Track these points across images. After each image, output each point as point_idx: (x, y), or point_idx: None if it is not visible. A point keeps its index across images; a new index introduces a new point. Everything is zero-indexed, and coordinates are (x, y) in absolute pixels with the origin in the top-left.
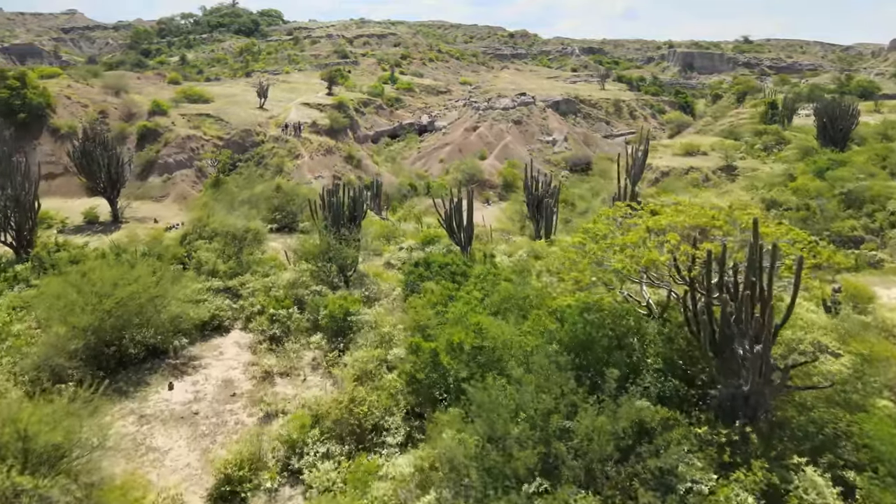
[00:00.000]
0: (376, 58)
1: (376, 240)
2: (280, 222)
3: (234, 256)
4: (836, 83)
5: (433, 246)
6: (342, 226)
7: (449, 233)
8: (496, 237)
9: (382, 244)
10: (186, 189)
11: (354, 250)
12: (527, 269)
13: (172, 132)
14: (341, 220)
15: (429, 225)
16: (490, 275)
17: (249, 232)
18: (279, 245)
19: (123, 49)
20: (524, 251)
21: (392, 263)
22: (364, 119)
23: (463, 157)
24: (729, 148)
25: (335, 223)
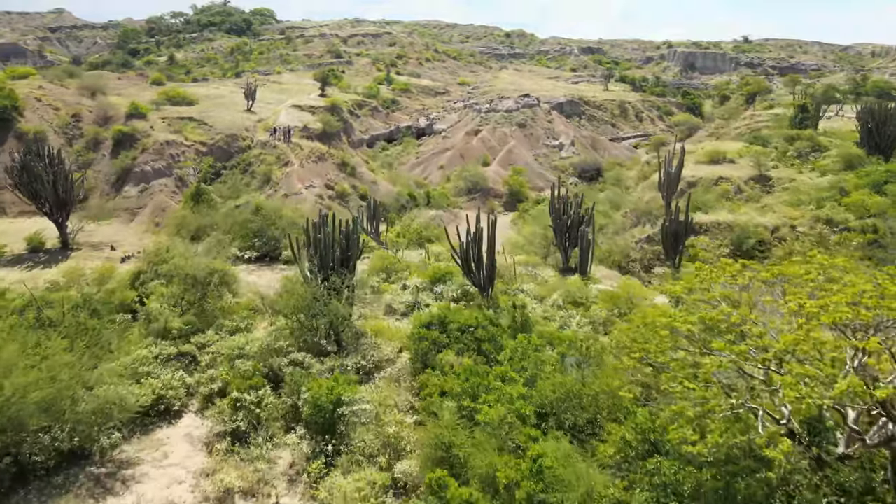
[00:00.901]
0: (371, 58)
1: (374, 275)
2: (260, 250)
3: (196, 304)
4: (850, 84)
5: (444, 285)
6: (332, 270)
7: (465, 271)
8: (519, 270)
9: (381, 281)
10: (165, 200)
11: (347, 304)
12: (584, 345)
13: (151, 137)
14: (331, 263)
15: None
16: (531, 348)
17: (215, 274)
18: (257, 280)
19: (111, 49)
20: (559, 295)
21: (394, 308)
22: (359, 122)
23: (464, 163)
24: (758, 155)
25: (323, 267)
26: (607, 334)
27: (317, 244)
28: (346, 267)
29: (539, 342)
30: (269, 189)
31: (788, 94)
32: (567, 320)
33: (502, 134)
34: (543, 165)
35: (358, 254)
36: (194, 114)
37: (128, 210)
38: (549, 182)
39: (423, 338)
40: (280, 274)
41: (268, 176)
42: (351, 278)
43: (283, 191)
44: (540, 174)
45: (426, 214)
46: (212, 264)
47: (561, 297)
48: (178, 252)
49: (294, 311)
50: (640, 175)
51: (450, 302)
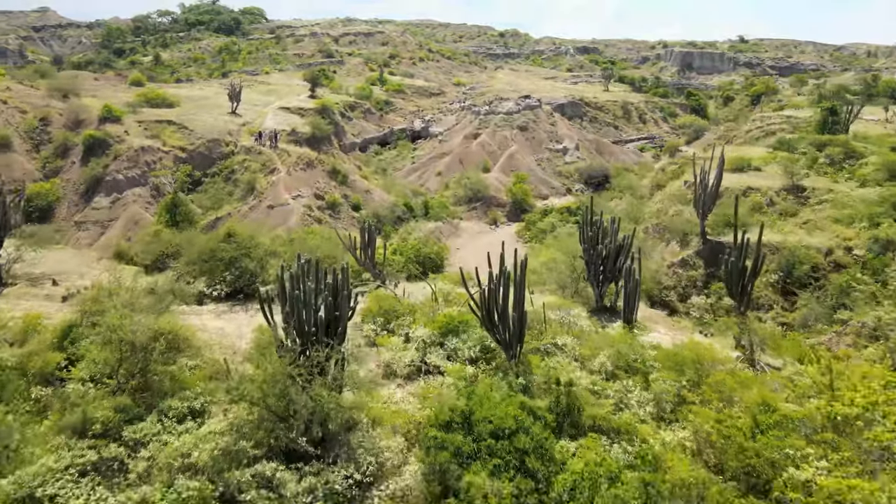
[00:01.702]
0: (363, 57)
1: (370, 320)
2: (232, 285)
3: (138, 374)
4: (861, 84)
5: (458, 339)
6: (314, 338)
7: (487, 326)
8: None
9: (379, 329)
10: (138, 212)
11: (335, 392)
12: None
13: (124, 143)
14: (312, 328)
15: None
16: (603, 478)
17: (161, 338)
18: (224, 327)
19: (96, 48)
20: (606, 356)
21: (395, 370)
22: (350, 125)
23: (463, 168)
24: (788, 162)
25: (302, 335)
26: (678, 419)
27: (293, 303)
28: (333, 333)
29: (613, 465)
30: (253, 199)
31: (796, 95)
32: (623, 396)
33: (503, 137)
34: (547, 171)
35: (350, 313)
36: (174, 117)
37: (97, 223)
38: (554, 189)
39: (441, 445)
40: (255, 318)
41: (252, 185)
42: (340, 351)
43: (269, 201)
44: (544, 181)
45: (424, 227)
46: (158, 322)
47: (609, 358)
48: (118, 302)
49: (262, 396)
50: (654, 183)
51: (465, 363)
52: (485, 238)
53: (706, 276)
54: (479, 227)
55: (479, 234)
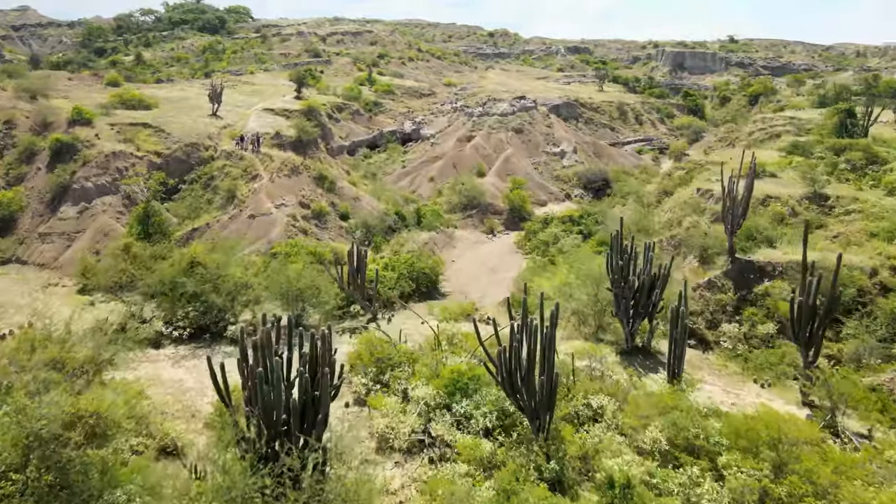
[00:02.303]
0: (351, 57)
1: (361, 373)
2: (196, 322)
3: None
4: (861, 84)
5: (468, 399)
6: (284, 438)
7: (507, 392)
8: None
9: (370, 386)
10: (108, 223)
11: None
12: None
13: (94, 148)
14: (283, 419)
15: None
16: None
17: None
18: (184, 378)
19: (76, 48)
20: (657, 429)
21: (391, 444)
22: (338, 127)
23: (457, 173)
24: (806, 168)
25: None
26: None
27: (257, 386)
28: (310, 421)
29: None
30: (233, 208)
31: (795, 95)
32: (690, 493)
33: (498, 140)
34: (544, 175)
35: (333, 393)
36: (150, 119)
37: (63, 235)
38: (552, 194)
39: None
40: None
41: (232, 192)
42: (319, 449)
43: (250, 210)
44: (541, 185)
45: (417, 238)
46: (79, 402)
47: (663, 432)
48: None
49: None
50: (661, 189)
51: (479, 435)
52: (482, 248)
53: (737, 300)
54: (476, 236)
55: (475, 245)
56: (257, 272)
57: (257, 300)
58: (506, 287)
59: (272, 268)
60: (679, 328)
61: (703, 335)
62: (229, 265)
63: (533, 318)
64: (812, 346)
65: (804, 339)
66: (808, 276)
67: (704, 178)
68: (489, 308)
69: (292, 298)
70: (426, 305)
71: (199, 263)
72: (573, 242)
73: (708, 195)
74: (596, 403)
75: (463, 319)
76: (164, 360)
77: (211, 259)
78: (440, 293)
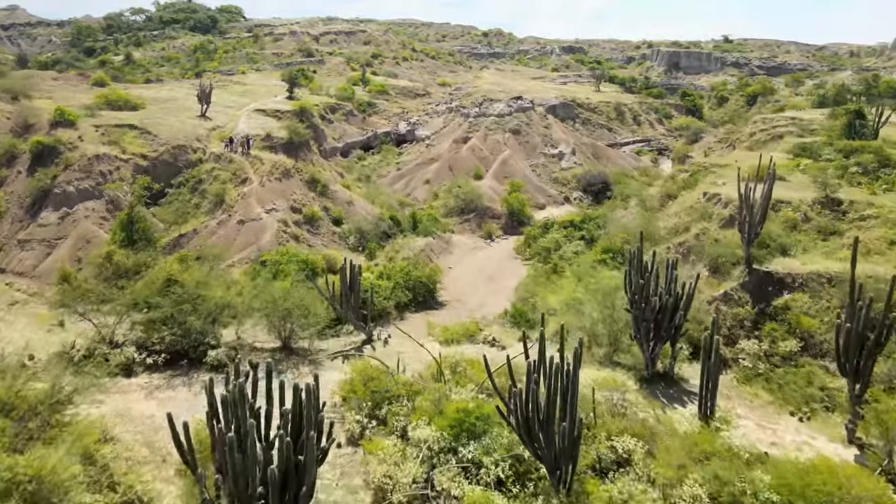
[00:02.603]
0: (345, 56)
1: (354, 408)
2: (172, 346)
3: None
4: (862, 84)
5: (476, 442)
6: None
7: (523, 439)
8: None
9: (366, 425)
10: (91, 229)
11: None
12: None
13: (77, 150)
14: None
15: (423, 279)
16: None
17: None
18: (155, 413)
19: (65, 47)
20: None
21: (388, 496)
22: (331, 128)
23: (453, 176)
24: (817, 171)
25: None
26: None
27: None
28: (293, 495)
29: None
30: (222, 213)
31: (793, 96)
32: None
33: (494, 142)
34: (543, 178)
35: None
36: (136, 120)
37: (44, 242)
38: (551, 197)
39: None
40: (200, 397)
41: (221, 197)
42: None
43: (239, 215)
44: (540, 188)
45: (413, 244)
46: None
47: (702, 487)
48: None
49: None
50: (664, 192)
51: (491, 487)
52: (480, 254)
53: (756, 314)
54: (473, 241)
55: (473, 250)
56: (241, 290)
57: (241, 320)
58: (506, 296)
59: (257, 285)
60: (713, 360)
61: (720, 352)
62: (210, 283)
63: (552, 353)
64: (860, 379)
65: (851, 369)
66: (857, 301)
67: (710, 181)
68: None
69: (279, 318)
70: (426, 323)
71: (175, 281)
72: (576, 249)
73: (715, 199)
74: (621, 447)
75: (466, 341)
76: (135, 390)
77: (189, 276)
78: (438, 303)
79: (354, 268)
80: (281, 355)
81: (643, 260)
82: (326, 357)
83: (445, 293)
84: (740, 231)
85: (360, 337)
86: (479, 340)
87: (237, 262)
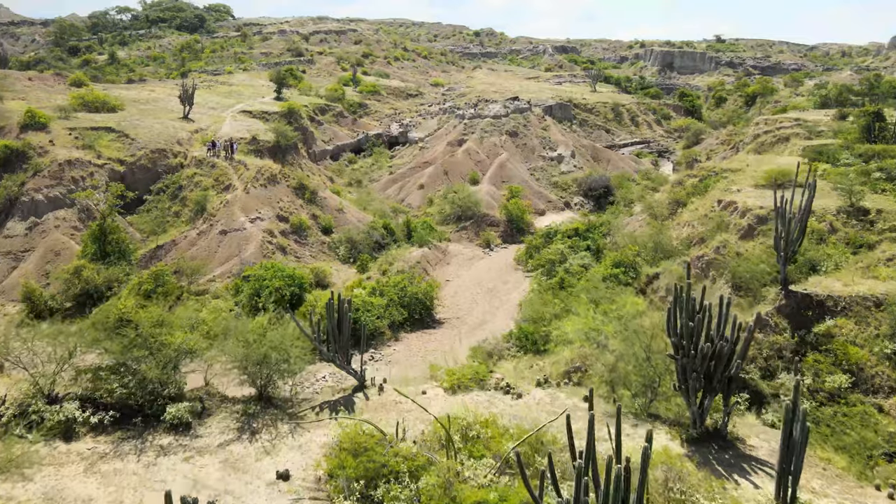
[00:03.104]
0: (335, 56)
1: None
2: (122, 400)
3: None
4: (864, 84)
5: None
6: None
7: None
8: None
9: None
10: (61, 240)
11: None
12: None
13: (48, 155)
14: None
15: (419, 296)
16: None
17: None
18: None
19: (49, 46)
20: None
21: None
22: (321, 130)
23: (449, 180)
24: (839, 177)
25: None
26: None
27: None
28: None
29: None
30: (203, 223)
31: (793, 96)
32: None
33: (491, 144)
34: (542, 182)
35: None
36: (114, 123)
37: (10, 255)
38: (551, 203)
39: None
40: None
41: (202, 205)
42: None
43: (222, 225)
44: (539, 193)
45: (408, 255)
46: None
47: None
48: None
49: None
50: (672, 198)
51: None
52: (478, 265)
53: (796, 342)
54: (471, 250)
55: (471, 261)
56: (209, 330)
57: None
58: (509, 312)
59: (227, 325)
60: (799, 432)
61: (757, 387)
62: (171, 322)
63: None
64: None
65: None
66: None
67: (723, 187)
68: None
69: (254, 364)
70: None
71: (129, 321)
72: (582, 261)
73: (732, 208)
74: None
75: (475, 387)
76: (74, 461)
77: (146, 315)
78: (435, 320)
79: (343, 302)
80: (256, 408)
81: (692, 297)
82: (310, 410)
83: (443, 309)
84: (776, 248)
85: (351, 381)
86: (491, 386)
87: (218, 276)
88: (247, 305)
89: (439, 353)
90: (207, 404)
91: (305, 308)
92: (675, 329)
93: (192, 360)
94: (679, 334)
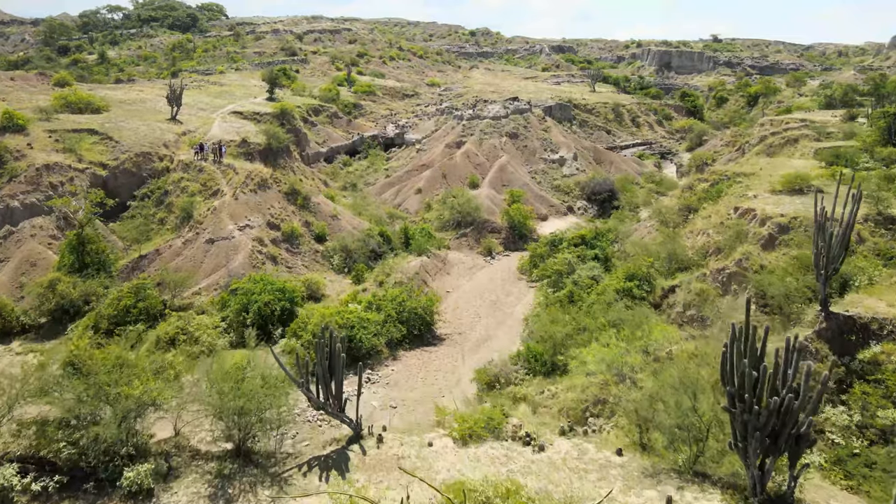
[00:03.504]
0: (329, 55)
1: None
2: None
3: None
4: (868, 84)
5: None
6: None
7: None
8: None
9: None
10: (37, 250)
11: None
12: None
13: (25, 159)
14: None
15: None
16: None
17: None
18: None
19: (38, 46)
20: None
21: None
22: (314, 131)
23: (448, 184)
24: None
25: None
26: None
27: None
28: None
29: None
30: (189, 231)
31: (796, 96)
32: None
33: (491, 146)
34: (543, 185)
35: None
36: (97, 125)
37: None
38: (553, 207)
39: None
40: None
41: (188, 211)
42: None
43: (209, 233)
44: (541, 197)
45: (406, 265)
46: None
47: None
48: None
49: None
50: (682, 204)
51: None
52: (480, 275)
53: (843, 372)
54: (472, 258)
55: (472, 270)
56: (177, 373)
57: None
58: (514, 328)
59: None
60: None
61: None
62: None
63: None
64: None
65: None
66: None
67: (738, 193)
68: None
69: (230, 415)
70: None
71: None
72: (591, 272)
73: (750, 216)
74: None
75: (489, 436)
76: None
77: (102, 357)
78: (436, 337)
79: (336, 340)
80: (233, 466)
81: (754, 341)
82: (296, 469)
83: (444, 324)
84: (815, 265)
85: (345, 431)
86: (507, 435)
87: (204, 288)
88: (234, 321)
89: (440, 373)
90: (175, 462)
91: (296, 325)
92: (731, 378)
93: (156, 409)
94: (740, 386)
